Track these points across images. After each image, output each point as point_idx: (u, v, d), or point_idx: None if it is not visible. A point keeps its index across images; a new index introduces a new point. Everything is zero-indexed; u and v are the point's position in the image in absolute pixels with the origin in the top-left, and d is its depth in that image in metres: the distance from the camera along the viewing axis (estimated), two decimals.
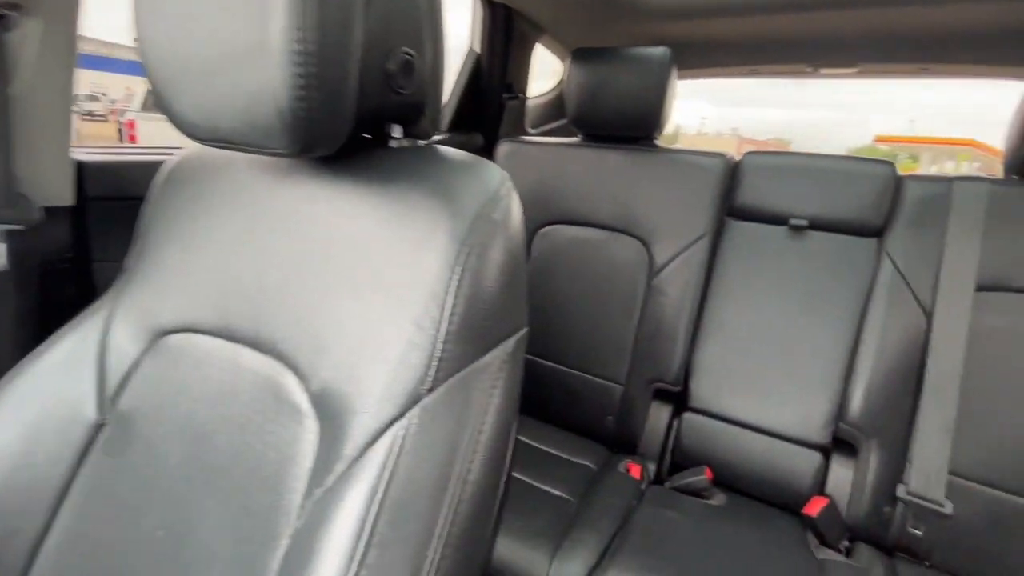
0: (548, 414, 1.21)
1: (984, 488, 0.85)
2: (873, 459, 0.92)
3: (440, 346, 0.36)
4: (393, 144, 0.48)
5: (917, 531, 0.88)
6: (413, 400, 0.36)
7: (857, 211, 1.03)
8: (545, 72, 1.71)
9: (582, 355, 1.18)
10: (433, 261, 0.38)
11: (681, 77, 1.71)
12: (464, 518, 0.36)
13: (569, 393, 1.19)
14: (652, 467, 1.11)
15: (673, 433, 1.12)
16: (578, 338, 1.19)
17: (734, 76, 1.74)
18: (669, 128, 1.26)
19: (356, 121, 0.42)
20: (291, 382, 0.42)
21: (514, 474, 0.95)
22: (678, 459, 1.10)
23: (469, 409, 0.37)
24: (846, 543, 0.93)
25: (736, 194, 1.14)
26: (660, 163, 1.15)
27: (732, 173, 1.14)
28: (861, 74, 1.58)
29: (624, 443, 1.13)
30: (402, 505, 0.34)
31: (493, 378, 0.39)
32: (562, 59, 1.60)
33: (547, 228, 1.24)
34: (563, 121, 1.66)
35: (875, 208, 1.02)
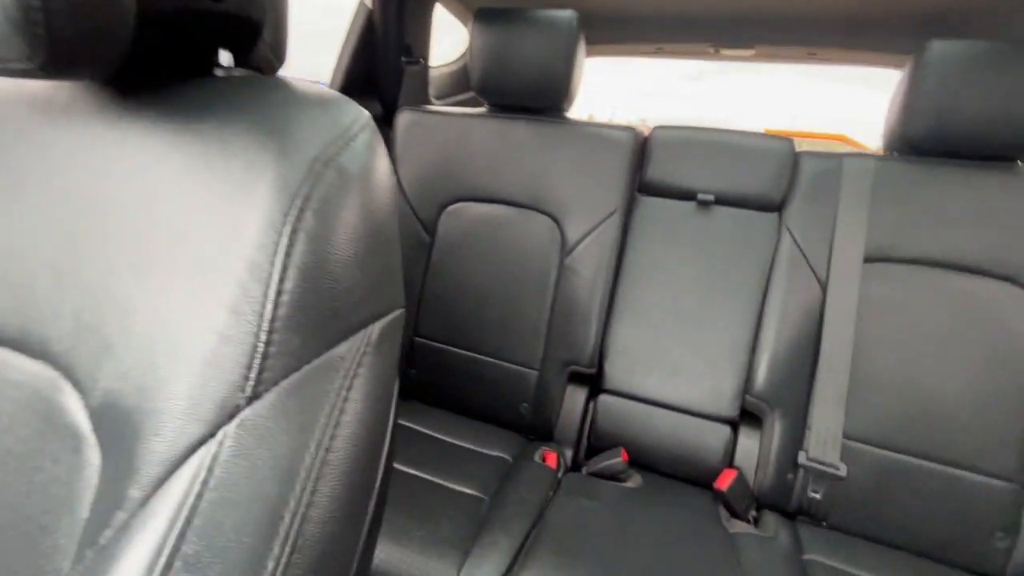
0: (459, 405, 1.14)
1: (873, 449, 0.90)
2: (777, 429, 0.94)
3: (265, 338, 0.26)
4: (220, 73, 0.36)
5: (816, 494, 0.91)
6: (227, 414, 0.26)
7: (759, 186, 1.05)
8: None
9: (495, 341, 1.11)
10: (252, 221, 0.27)
11: (589, 54, 1.68)
12: (304, 566, 0.26)
13: (482, 381, 1.12)
14: (569, 453, 1.07)
15: (589, 416, 1.08)
16: (490, 323, 1.11)
17: (640, 54, 1.73)
18: (583, 117, 1.21)
19: (148, 32, 0.30)
20: (68, 396, 0.30)
21: (420, 474, 0.86)
22: (594, 442, 1.07)
23: (311, 421, 0.27)
24: (754, 512, 0.95)
25: (646, 169, 1.12)
26: (570, 136, 1.09)
27: (642, 148, 1.11)
28: (757, 57, 1.63)
29: (540, 430, 1.09)
30: (204, 564, 0.24)
31: (347, 377, 0.29)
32: (465, 23, 1.50)
33: (453, 206, 1.15)
34: (471, 94, 1.56)
35: (775, 183, 1.04)
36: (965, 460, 0.85)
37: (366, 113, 0.34)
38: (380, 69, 1.27)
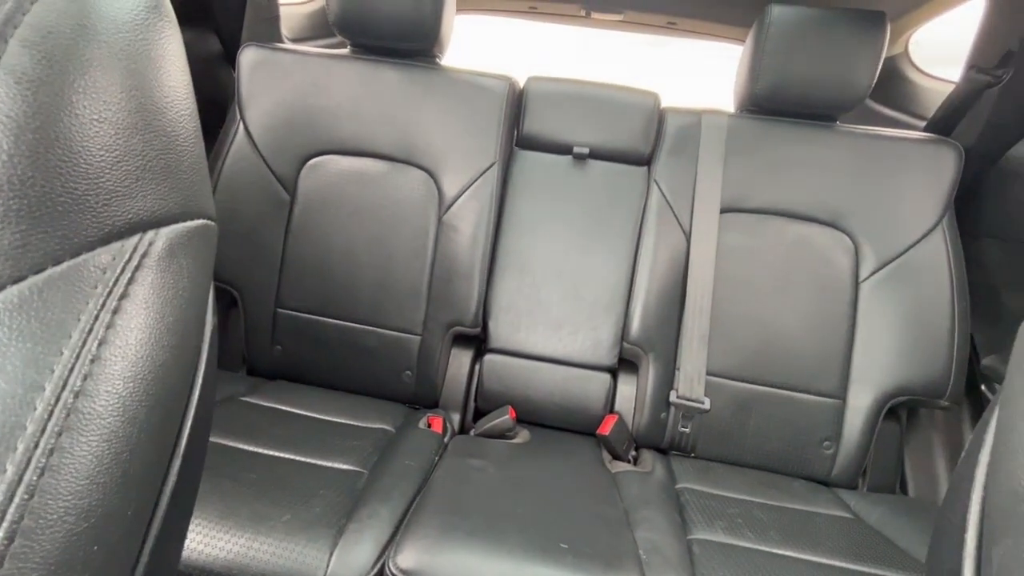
0: (335, 380, 1.04)
1: (731, 382, 0.98)
2: (651, 372, 1.00)
3: None
4: None
5: (685, 429, 0.98)
6: None
7: (629, 141, 1.08)
8: None
9: (372, 307, 1.02)
10: None
11: (462, 9, 1.60)
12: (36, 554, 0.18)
13: (359, 352, 1.03)
14: (456, 417, 1.03)
15: (475, 378, 1.06)
16: (365, 288, 1.02)
17: (513, 12, 1.70)
18: None
19: None
20: None
21: (286, 455, 0.76)
22: (481, 405, 1.05)
23: (46, 353, 0.19)
24: (633, 452, 1.00)
25: (523, 123, 1.10)
26: (443, 83, 1.02)
27: (518, 99, 1.08)
28: (625, 24, 1.69)
29: (425, 397, 1.03)
30: None
31: (105, 294, 0.21)
32: None
33: (315, 159, 1.03)
34: (335, 39, 1.41)
35: (644, 137, 1.07)
36: (801, 383, 0.97)
37: None
38: None
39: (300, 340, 1.04)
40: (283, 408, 0.92)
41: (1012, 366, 0.30)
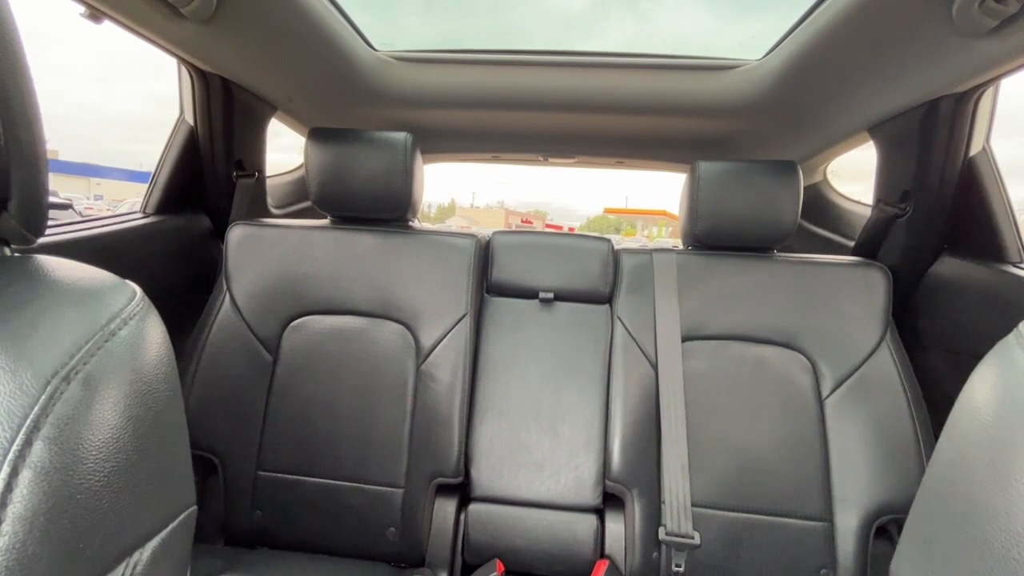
0: (317, 543, 1.00)
1: (718, 512, 0.98)
2: (637, 509, 0.99)
3: None
4: None
5: (679, 568, 0.95)
6: None
7: (590, 282, 1.17)
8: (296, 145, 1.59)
9: (354, 462, 1.02)
10: None
11: (427, 161, 1.79)
12: None
13: (343, 511, 1.01)
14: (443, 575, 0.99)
15: (461, 530, 1.03)
16: (347, 442, 1.03)
17: (478, 160, 1.89)
18: (445, 201, 1.26)
19: None
20: None
21: None
22: (468, 559, 1.01)
23: None
24: None
25: (491, 272, 1.19)
26: (416, 244, 1.12)
27: (485, 252, 1.18)
28: (579, 163, 1.89)
29: (410, 555, 1.00)
30: None
31: None
32: (303, 135, 1.51)
33: (298, 321, 1.08)
34: None
35: (602, 278, 1.16)
36: (787, 508, 0.97)
37: (135, 297, 0.31)
38: (208, 184, 1.20)
39: (281, 503, 1.02)
40: None
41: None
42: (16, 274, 0.28)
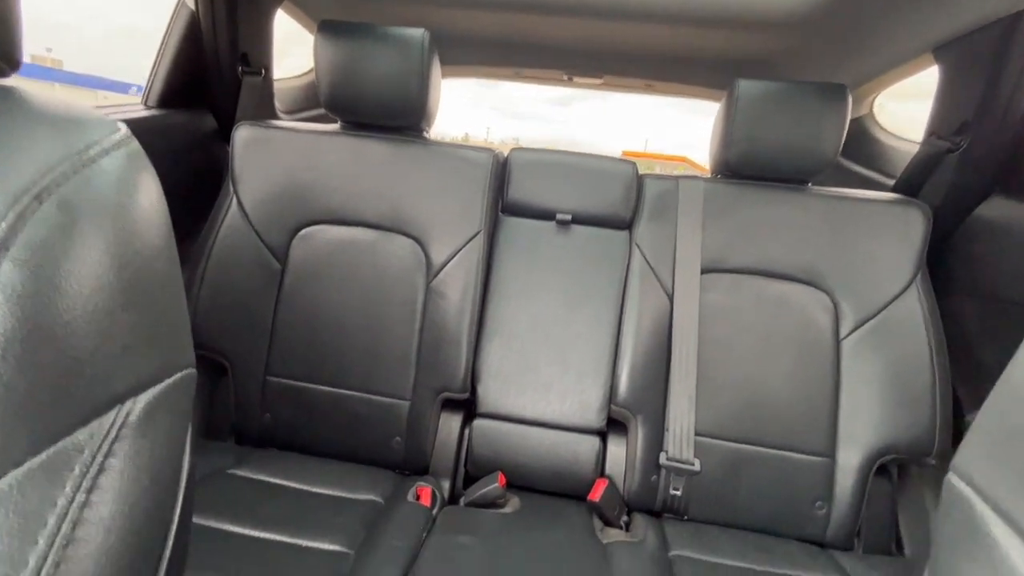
0: (325, 446, 1.03)
1: (720, 442, 0.99)
2: (640, 434, 1.00)
3: None
4: None
5: (677, 491, 0.97)
6: None
7: (610, 206, 1.11)
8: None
9: (361, 374, 1.03)
10: None
11: (447, 74, 1.68)
12: None
13: (348, 418, 1.03)
14: (446, 484, 1.02)
15: (465, 443, 1.05)
16: (355, 355, 1.03)
17: (499, 76, 1.78)
18: (459, 135, 1.19)
19: None
20: None
21: (273, 536, 0.75)
22: (471, 470, 1.04)
23: (23, 543, 0.20)
24: (625, 517, 0.99)
25: (507, 191, 1.14)
26: (430, 156, 1.06)
27: (502, 170, 1.13)
28: (605, 85, 1.77)
29: (414, 464, 1.03)
30: None
31: (85, 473, 0.22)
32: (312, 32, 1.41)
33: (307, 230, 1.05)
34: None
35: (624, 203, 1.11)
36: (790, 443, 0.98)
37: (119, 131, 0.27)
38: (212, 79, 1.13)
39: (289, 408, 1.04)
40: (271, 480, 0.91)
41: (939, 519, 0.31)
42: None
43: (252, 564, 0.69)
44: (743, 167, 1.05)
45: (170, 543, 0.27)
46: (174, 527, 0.27)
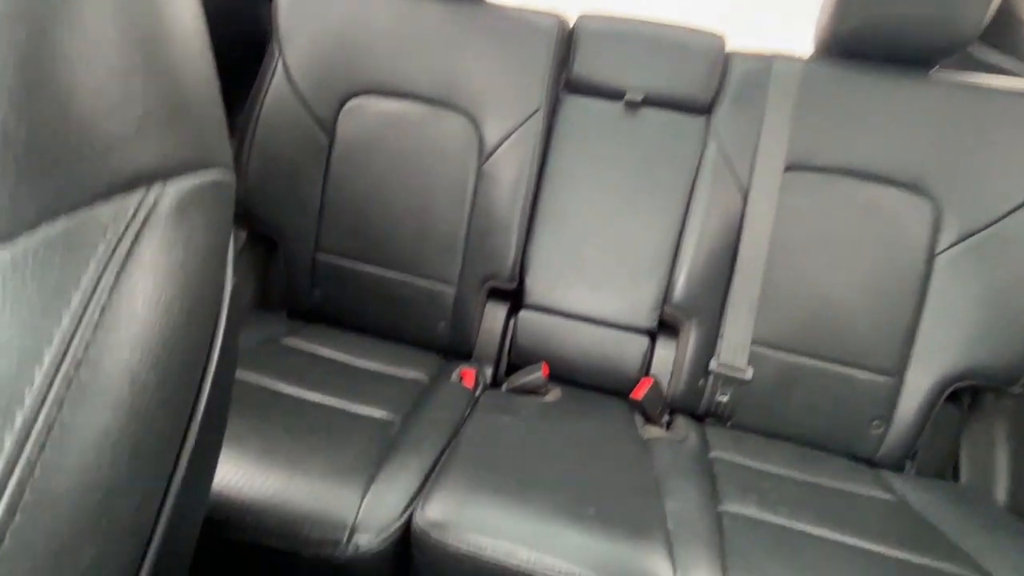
0: (371, 326, 1.05)
1: (776, 352, 0.93)
2: (692, 338, 0.96)
3: None
4: None
5: (723, 397, 0.95)
6: None
7: (688, 87, 0.98)
8: None
9: (408, 256, 1.01)
10: None
11: None
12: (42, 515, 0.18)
13: (396, 300, 1.03)
14: (489, 371, 1.03)
15: (510, 333, 1.04)
16: (401, 236, 1.01)
17: None
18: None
19: None
20: None
21: (321, 399, 0.78)
22: (515, 360, 1.04)
23: (45, 323, 0.18)
24: (667, 417, 0.98)
25: (572, 65, 1.02)
26: (487, 20, 0.95)
27: (567, 39, 1.00)
28: None
29: (458, 349, 1.04)
30: None
31: (108, 255, 0.19)
32: None
33: (354, 102, 0.99)
34: None
35: (704, 84, 0.98)
36: (853, 358, 0.91)
37: None
38: None
39: (339, 286, 1.05)
40: (321, 352, 0.94)
41: None
42: None
43: (304, 421, 0.72)
44: (855, 43, 0.89)
45: (214, 360, 0.25)
46: (218, 343, 0.25)
